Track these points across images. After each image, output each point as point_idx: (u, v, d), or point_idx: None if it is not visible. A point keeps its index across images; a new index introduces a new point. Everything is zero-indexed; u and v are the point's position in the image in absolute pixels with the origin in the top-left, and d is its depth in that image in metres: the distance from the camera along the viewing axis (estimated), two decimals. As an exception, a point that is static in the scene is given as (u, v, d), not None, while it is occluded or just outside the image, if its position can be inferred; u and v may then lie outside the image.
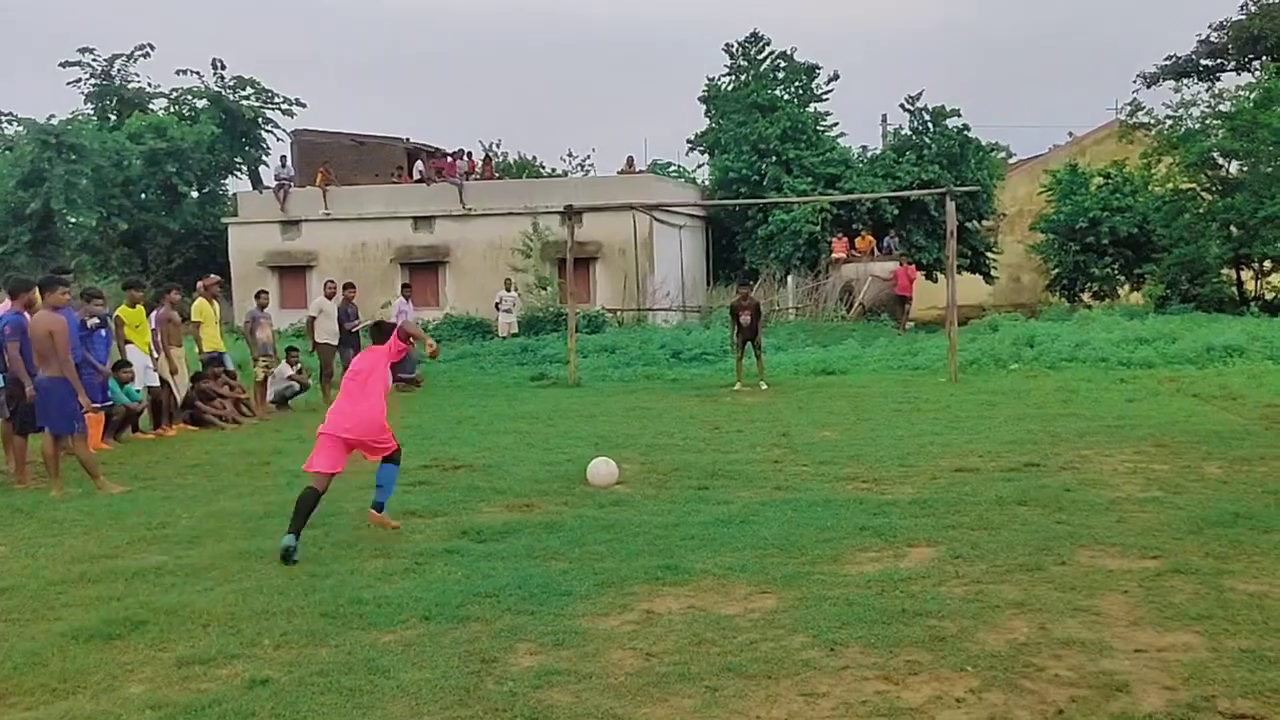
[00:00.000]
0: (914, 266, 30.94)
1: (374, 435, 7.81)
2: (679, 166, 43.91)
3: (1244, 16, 38.33)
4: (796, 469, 9.98)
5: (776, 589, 6.04)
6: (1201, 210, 28.95)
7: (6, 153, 32.86)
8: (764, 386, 17.66)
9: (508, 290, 27.75)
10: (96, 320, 13.00)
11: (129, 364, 13.65)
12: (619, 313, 29.24)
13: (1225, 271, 29.02)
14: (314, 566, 6.79)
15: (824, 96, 36.43)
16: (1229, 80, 37.80)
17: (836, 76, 36.55)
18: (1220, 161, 28.64)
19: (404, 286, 20.60)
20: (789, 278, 31.48)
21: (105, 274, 39.11)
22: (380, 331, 8.51)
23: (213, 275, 17.15)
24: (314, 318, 17.42)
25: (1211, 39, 38.89)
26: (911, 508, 7.99)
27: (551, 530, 7.61)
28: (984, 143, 35.39)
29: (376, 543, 7.40)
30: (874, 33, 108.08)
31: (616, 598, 5.97)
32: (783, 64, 35.97)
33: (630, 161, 34.50)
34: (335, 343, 17.45)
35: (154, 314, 14.63)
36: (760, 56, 36.01)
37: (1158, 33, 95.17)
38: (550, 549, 7.06)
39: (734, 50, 36.25)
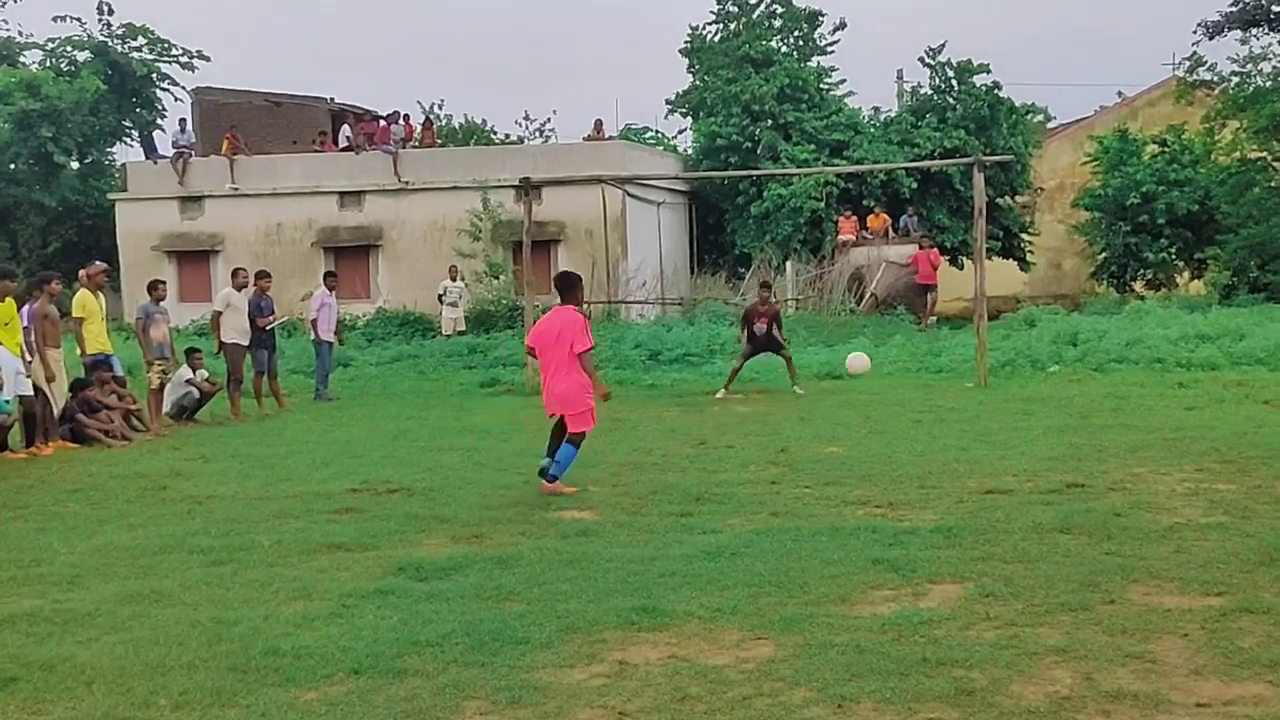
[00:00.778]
0: (936, 250, 31.08)
1: (572, 409, 10.36)
2: (657, 132, 44.05)
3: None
4: (797, 491, 10.01)
5: (773, 634, 6.06)
6: (1274, 184, 29.26)
7: None
8: (799, 391, 17.64)
9: (453, 280, 27.74)
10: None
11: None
12: (586, 306, 29.26)
13: (1302, 256, 29.34)
14: (220, 611, 6.76)
15: (829, 49, 36.66)
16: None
17: (843, 25, 36.87)
18: (1296, 126, 28.97)
19: (327, 275, 20.55)
20: (788, 264, 31.60)
21: (-33, 260, 38.93)
22: (569, 284, 10.76)
23: (98, 262, 17.08)
24: (220, 313, 17.35)
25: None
26: (933, 537, 8.03)
27: (506, 565, 7.60)
28: (1018, 104, 35.67)
29: (296, 583, 7.37)
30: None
31: (583, 646, 5.97)
32: (779, 10, 36.14)
33: (599, 126, 34.59)
34: (246, 343, 17.38)
35: (26, 309, 14.53)
36: (753, 1, 36.12)
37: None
38: (504, 588, 7.06)
39: (722, -7, 36.38)
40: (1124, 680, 5.26)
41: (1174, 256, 32.94)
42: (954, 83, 34.91)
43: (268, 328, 17.80)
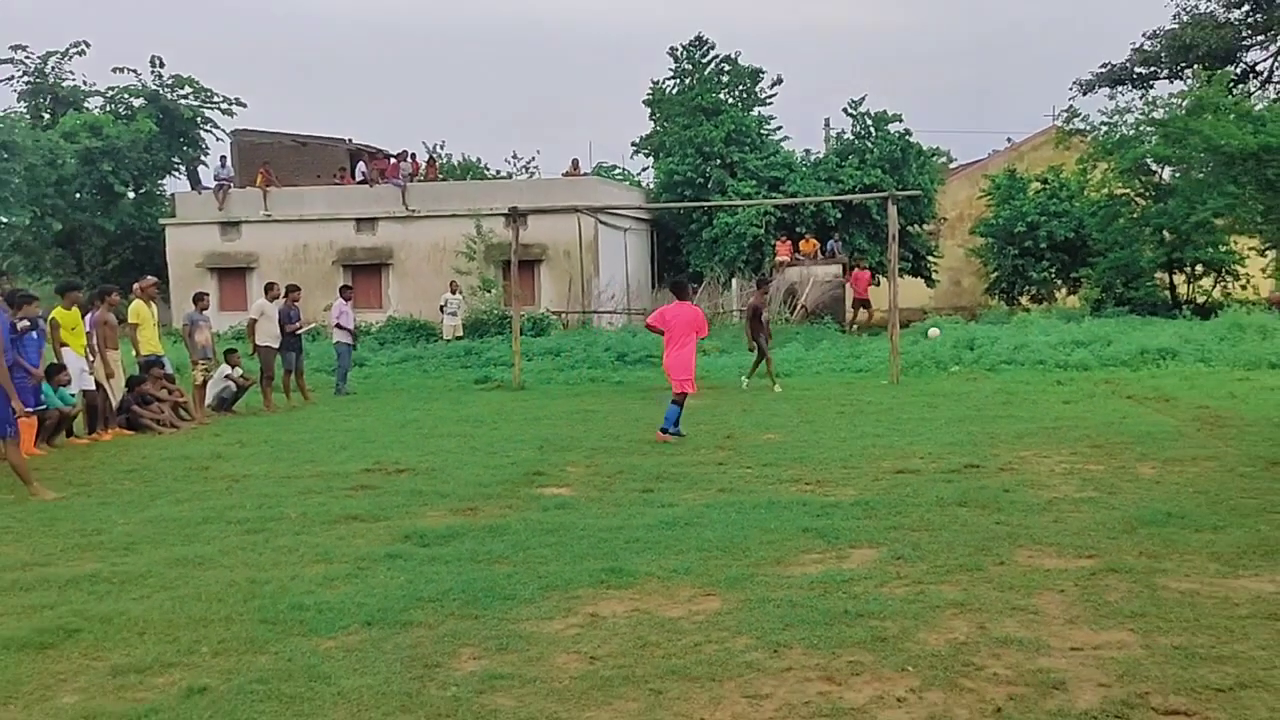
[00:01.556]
0: (869, 270, 31.18)
1: (676, 375, 12.16)
2: (624, 169, 44.08)
3: (1176, 26, 39.15)
4: (740, 471, 10.02)
5: (720, 591, 6.06)
6: (1135, 215, 29.51)
7: (-65, 151, 31.98)
8: (778, 389, 17.36)
9: (453, 293, 27.62)
10: (27, 323, 12.75)
11: (64, 367, 13.39)
12: (564, 315, 29.21)
13: (1158, 275, 29.60)
14: (253, 572, 6.70)
15: (768, 100, 36.69)
16: (1162, 88, 38.64)
17: (780, 81, 36.87)
18: (1154, 167, 29.22)
19: (343, 288, 20.38)
20: (733, 281, 31.64)
21: (38, 275, 38.40)
22: (683, 287, 12.82)
23: (150, 277, 16.88)
24: (255, 320, 17.19)
25: (1145, 47, 39.66)
26: (854, 509, 8.05)
27: (495, 534, 7.57)
28: (925, 148, 35.85)
29: (318, 548, 7.31)
30: (817, 37, 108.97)
31: (561, 601, 5.96)
32: (727, 68, 36.14)
33: (575, 164, 34.51)
34: (277, 346, 17.23)
35: (90, 316, 14.37)
36: (705, 60, 36.16)
37: (1095, 40, 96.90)
38: (494, 553, 7.02)
39: (679, 54, 36.35)
40: (1011, 629, 5.29)
41: (1054, 275, 33.12)
42: (872, 129, 35.02)
43: (297, 333, 17.65)
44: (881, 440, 11.61)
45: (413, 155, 35.20)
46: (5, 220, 31.99)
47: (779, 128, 36.60)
